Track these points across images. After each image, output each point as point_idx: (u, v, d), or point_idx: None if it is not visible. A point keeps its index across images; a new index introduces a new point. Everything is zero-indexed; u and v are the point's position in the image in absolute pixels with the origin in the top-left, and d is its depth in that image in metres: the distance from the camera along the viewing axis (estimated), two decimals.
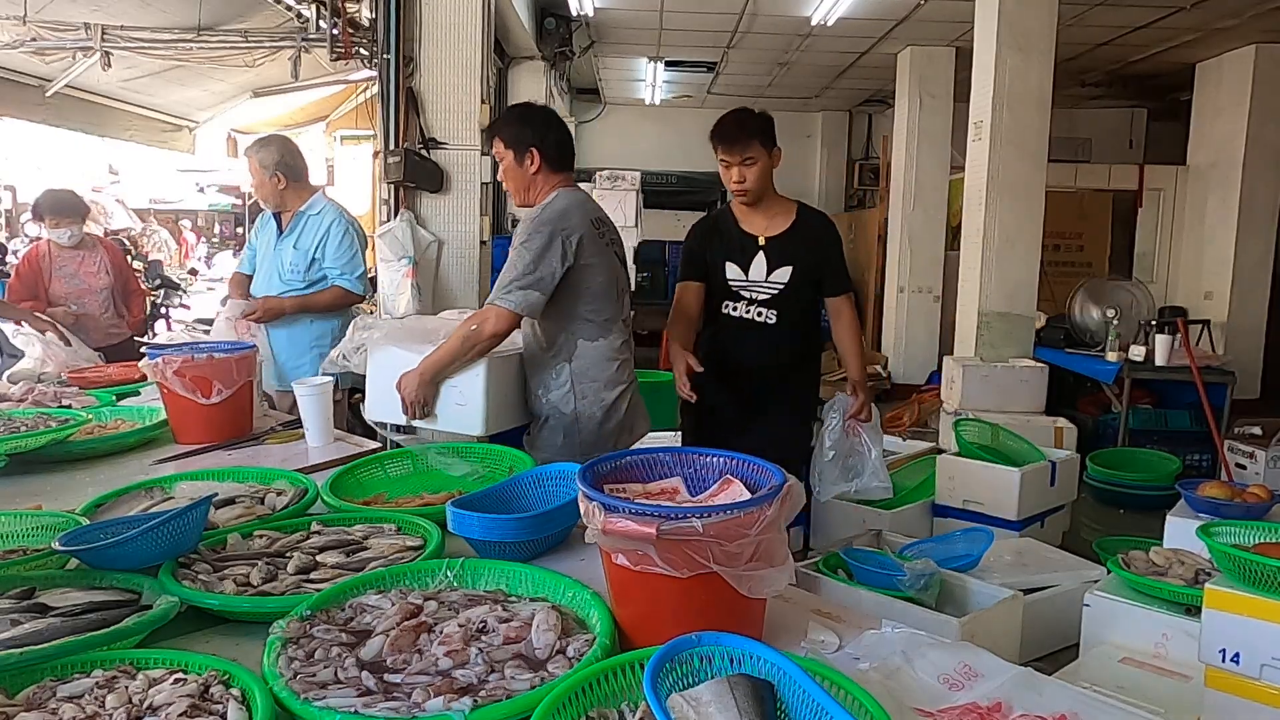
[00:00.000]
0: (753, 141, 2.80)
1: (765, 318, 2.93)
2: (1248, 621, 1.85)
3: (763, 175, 2.84)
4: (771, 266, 2.89)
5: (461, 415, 2.32)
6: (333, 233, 3.43)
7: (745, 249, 2.92)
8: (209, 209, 18.99)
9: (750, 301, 2.93)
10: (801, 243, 2.91)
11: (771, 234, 2.91)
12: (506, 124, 2.59)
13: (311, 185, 3.59)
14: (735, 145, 2.80)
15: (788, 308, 2.92)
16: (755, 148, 2.80)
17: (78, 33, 5.46)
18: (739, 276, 2.93)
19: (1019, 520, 4.01)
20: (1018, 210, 5.82)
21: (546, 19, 7.44)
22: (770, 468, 1.34)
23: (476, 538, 1.57)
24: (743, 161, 2.80)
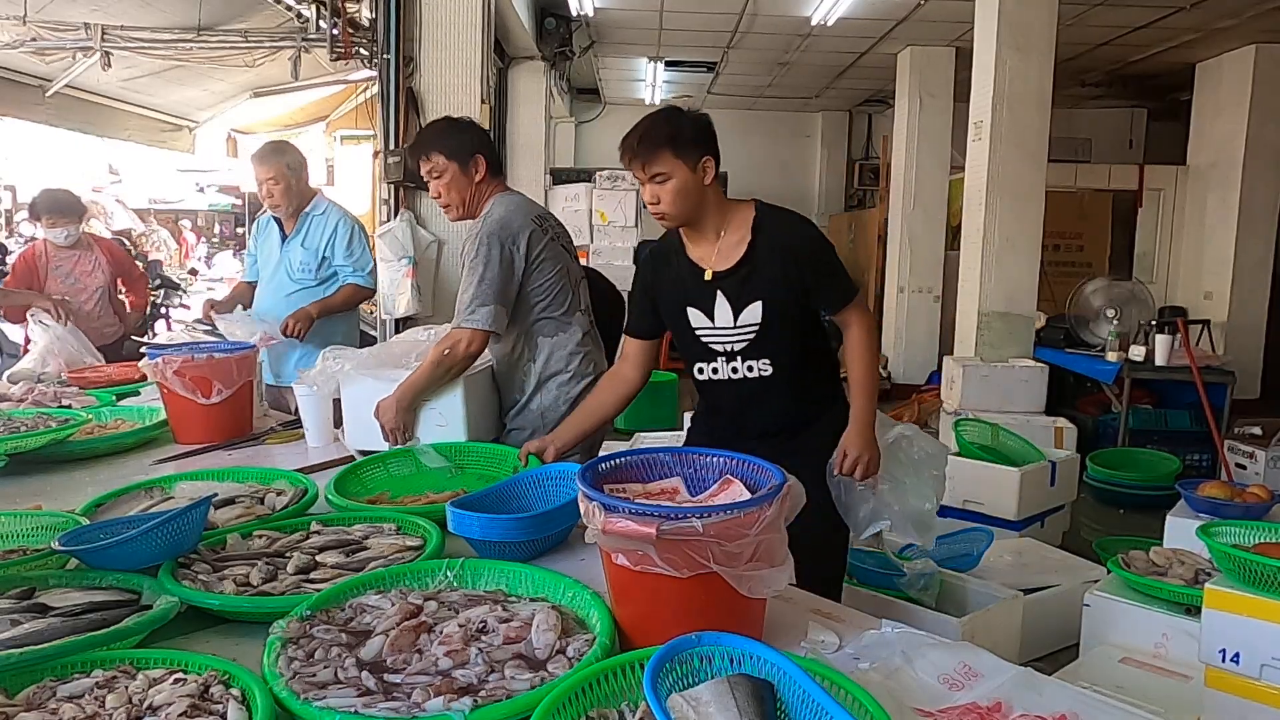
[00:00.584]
0: (659, 153, 2.06)
1: (759, 370, 2.19)
2: (1248, 621, 1.85)
3: (681, 195, 2.09)
4: (737, 307, 2.16)
5: (444, 435, 2.32)
6: (340, 231, 3.47)
7: (701, 287, 2.19)
8: (209, 209, 18.98)
9: (729, 356, 2.20)
10: (764, 267, 2.13)
11: (721, 267, 2.16)
12: (441, 136, 2.53)
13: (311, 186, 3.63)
14: (636, 159, 2.09)
15: (779, 352, 2.17)
16: (665, 159, 2.06)
17: (78, 33, 5.45)
18: (704, 324, 2.19)
19: (1019, 520, 4.01)
20: (1018, 210, 5.81)
21: (546, 19, 7.44)
22: (770, 468, 1.34)
23: (476, 538, 1.57)
24: (652, 179, 2.09)
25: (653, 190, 2.11)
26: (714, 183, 2.13)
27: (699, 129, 2.12)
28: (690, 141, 2.08)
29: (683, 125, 2.10)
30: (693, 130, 2.10)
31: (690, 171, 2.09)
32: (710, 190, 2.13)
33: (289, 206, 3.46)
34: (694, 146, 2.09)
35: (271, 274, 3.54)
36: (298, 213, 3.48)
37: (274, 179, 3.39)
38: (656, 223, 2.22)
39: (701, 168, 2.10)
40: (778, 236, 2.14)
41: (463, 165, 2.49)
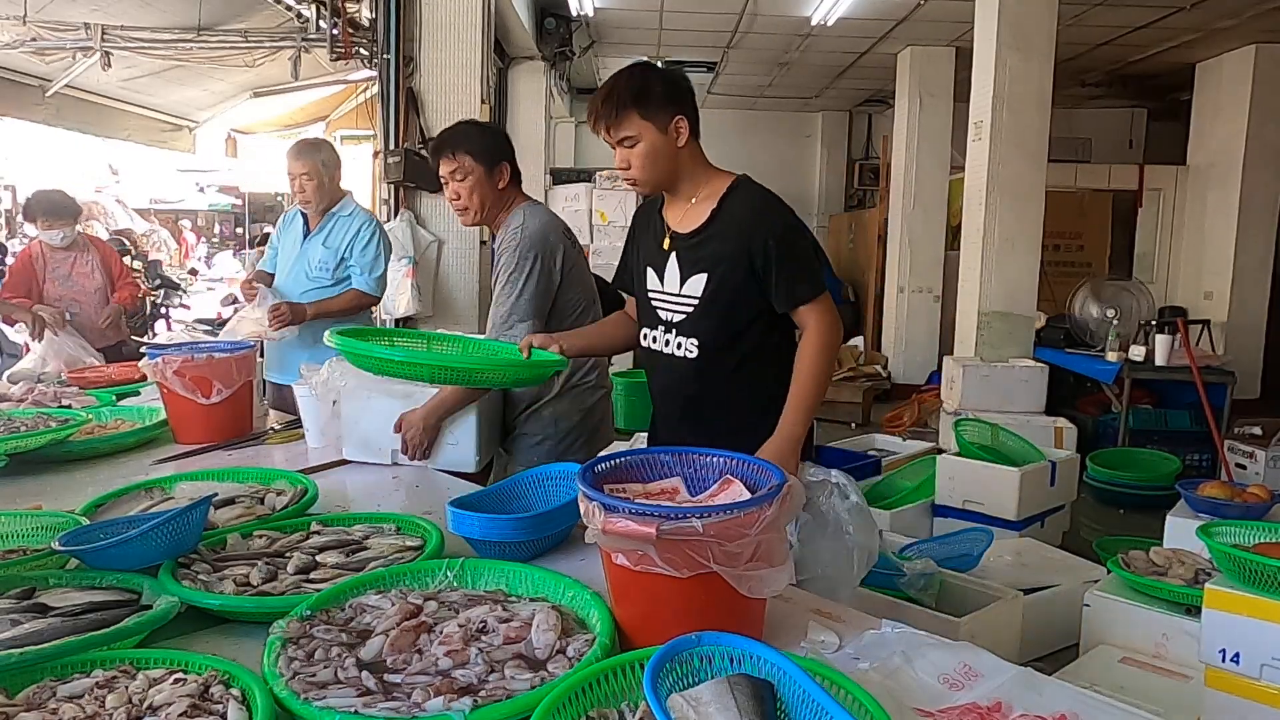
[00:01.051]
0: (625, 114, 1.91)
1: (685, 349, 2.00)
2: (1248, 621, 1.85)
3: (651, 159, 1.93)
4: (685, 273, 2.00)
5: (454, 454, 2.31)
6: (362, 234, 3.45)
7: (661, 248, 2.05)
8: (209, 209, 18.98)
9: (667, 326, 2.03)
10: (719, 239, 1.95)
11: (686, 227, 2.00)
12: (470, 137, 2.48)
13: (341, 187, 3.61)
14: (600, 121, 1.95)
15: (709, 335, 1.97)
16: (632, 121, 1.91)
17: (78, 33, 5.46)
18: (655, 286, 2.06)
19: (1019, 520, 4.01)
20: (1018, 210, 5.82)
21: (546, 19, 7.44)
22: (770, 468, 1.34)
23: (476, 538, 1.58)
24: (620, 142, 1.94)
25: (622, 154, 1.96)
26: (690, 145, 1.96)
27: (670, 86, 1.93)
28: (660, 100, 1.91)
29: (650, 83, 1.92)
30: (663, 88, 1.92)
31: (660, 133, 1.92)
32: (685, 153, 1.96)
33: (318, 204, 3.45)
34: (664, 106, 1.91)
35: (289, 269, 3.53)
36: (325, 211, 3.48)
37: (308, 174, 3.39)
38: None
39: (673, 129, 1.92)
40: (743, 211, 1.96)
41: (489, 169, 2.45)
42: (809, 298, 1.94)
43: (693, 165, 1.99)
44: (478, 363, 2.08)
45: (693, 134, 1.96)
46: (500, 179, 2.47)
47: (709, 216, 1.97)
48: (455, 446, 2.32)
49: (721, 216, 1.96)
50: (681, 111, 1.93)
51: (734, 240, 1.93)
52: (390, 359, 1.95)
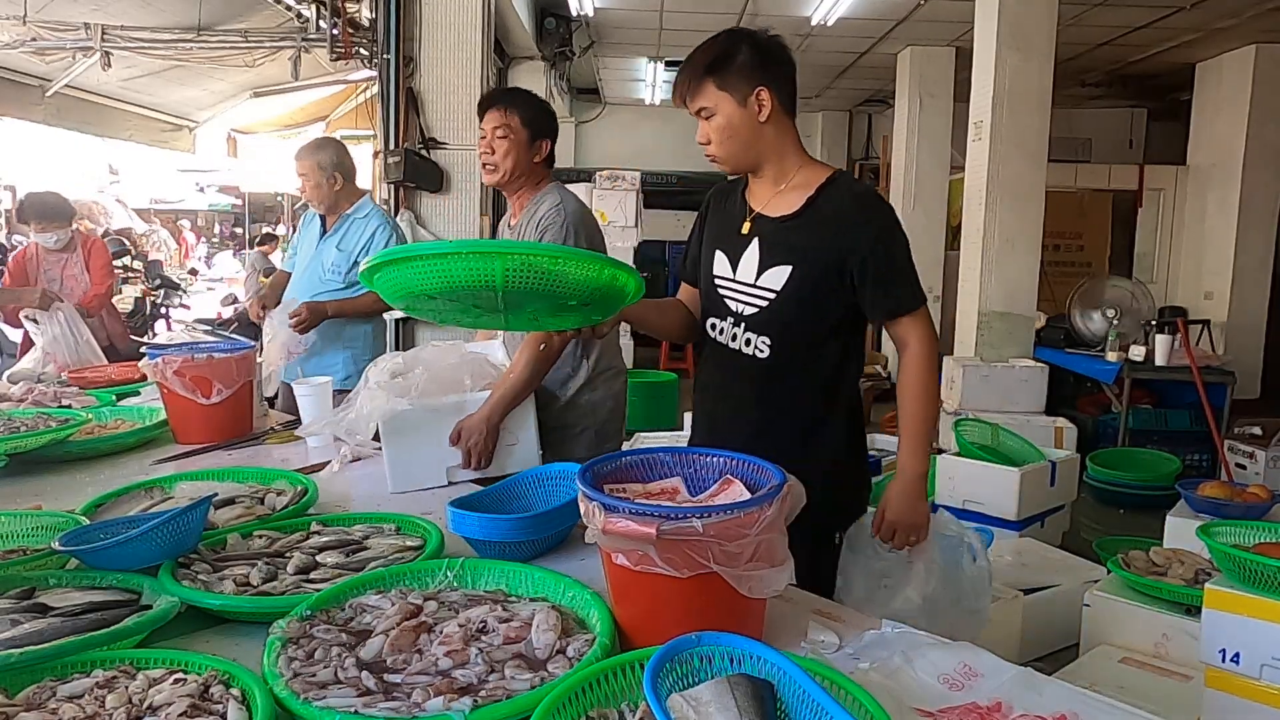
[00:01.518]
0: (701, 84, 1.75)
1: (754, 348, 1.83)
2: (1248, 621, 1.85)
3: (728, 133, 1.76)
4: (765, 263, 1.81)
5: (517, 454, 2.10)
6: (377, 237, 3.40)
7: (739, 231, 1.86)
8: (209, 209, 18.99)
9: (737, 319, 1.85)
10: (812, 230, 1.76)
11: (774, 213, 1.81)
12: (527, 103, 2.45)
13: (359, 188, 3.54)
14: (677, 91, 1.81)
15: (785, 336, 1.80)
16: (707, 92, 1.75)
17: (78, 33, 5.46)
18: (726, 273, 1.87)
19: (1019, 520, 4.01)
20: (1018, 210, 5.82)
21: (546, 19, 7.44)
22: (770, 467, 1.34)
23: (476, 538, 1.57)
24: (698, 113, 1.79)
25: (701, 128, 1.79)
26: (777, 122, 1.77)
27: (757, 55, 1.74)
28: (741, 70, 1.73)
29: (732, 50, 1.74)
30: (748, 56, 1.73)
31: (738, 106, 1.74)
32: (771, 131, 1.77)
33: (320, 204, 3.42)
34: (745, 76, 1.73)
35: (304, 269, 3.50)
36: (339, 212, 3.44)
37: (305, 175, 3.38)
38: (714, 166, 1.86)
39: (754, 101, 1.74)
40: (845, 203, 1.77)
41: (531, 138, 2.42)
42: (912, 308, 1.79)
43: (782, 146, 1.81)
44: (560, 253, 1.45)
45: (784, 111, 1.78)
46: (538, 153, 2.45)
47: (804, 204, 1.79)
48: (516, 446, 2.13)
49: (818, 206, 1.78)
50: (766, 83, 1.74)
51: (830, 234, 1.75)
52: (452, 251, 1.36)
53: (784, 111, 1.79)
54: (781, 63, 1.79)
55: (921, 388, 1.80)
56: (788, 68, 1.79)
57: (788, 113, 1.80)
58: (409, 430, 2.04)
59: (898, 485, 1.77)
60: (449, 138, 4.75)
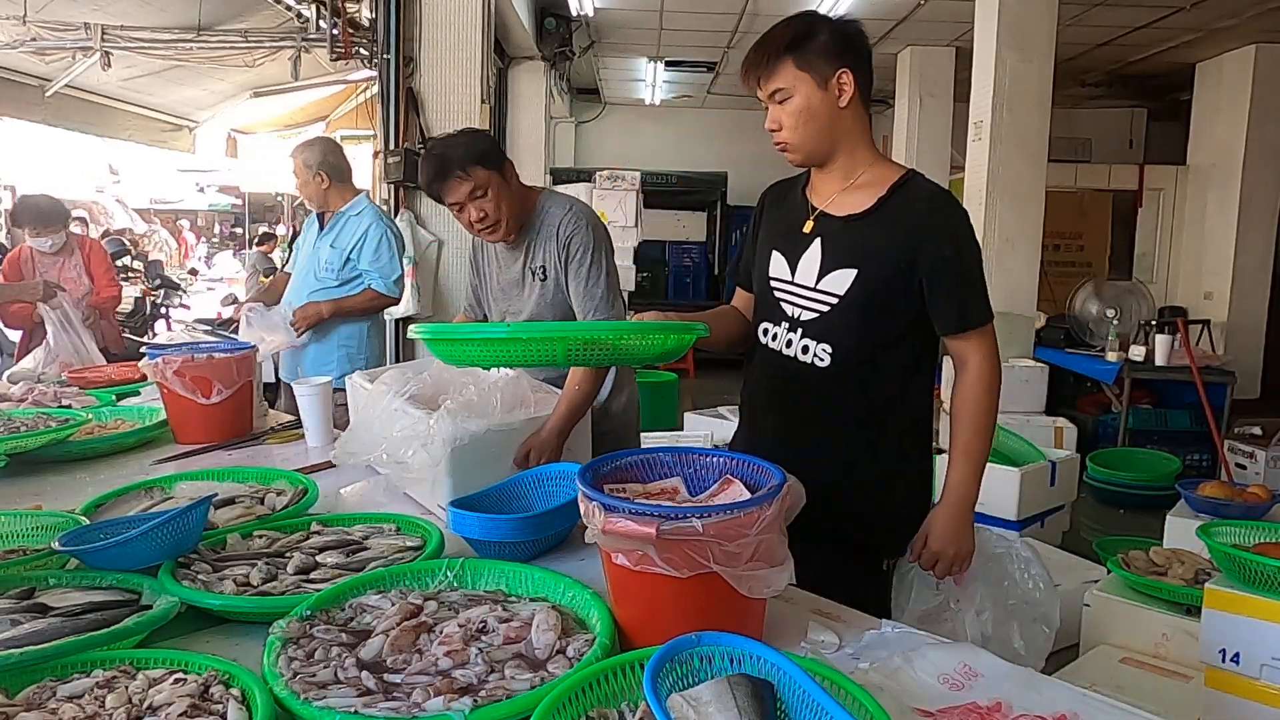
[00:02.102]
0: (779, 63, 1.64)
1: (812, 355, 1.71)
2: (1248, 621, 1.85)
3: (806, 117, 1.64)
4: (827, 265, 1.69)
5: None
6: (370, 235, 3.41)
7: (799, 230, 1.74)
8: (209, 209, 19.00)
9: (793, 324, 1.73)
10: (881, 232, 1.65)
11: (840, 211, 1.70)
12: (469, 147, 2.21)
13: (355, 187, 3.57)
14: (752, 71, 1.70)
15: (847, 344, 1.69)
16: (786, 72, 1.63)
17: (78, 33, 5.46)
18: (783, 275, 1.76)
19: (1019, 520, 4.01)
20: (1018, 210, 5.82)
21: (546, 19, 7.44)
22: (770, 467, 1.34)
23: (476, 538, 1.57)
24: (771, 96, 1.67)
25: (773, 112, 1.67)
26: (855, 110, 1.67)
27: (839, 36, 1.64)
28: (823, 49, 1.62)
29: (814, 29, 1.64)
30: (830, 37, 1.63)
31: (818, 88, 1.62)
32: (849, 118, 1.66)
33: (312, 202, 3.48)
34: (827, 56, 1.62)
35: (303, 269, 3.54)
36: (333, 210, 3.47)
37: (295, 173, 3.43)
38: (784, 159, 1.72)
39: (835, 84, 1.63)
40: (919, 206, 1.65)
41: (502, 173, 2.22)
42: (980, 322, 1.68)
43: (856, 137, 1.69)
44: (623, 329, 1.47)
45: (863, 99, 1.68)
46: (513, 177, 2.28)
47: (874, 203, 1.66)
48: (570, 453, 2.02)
49: (890, 206, 1.65)
50: (848, 66, 1.63)
51: (901, 236, 1.63)
52: (515, 336, 1.43)
53: (862, 101, 1.68)
54: (862, 48, 1.68)
55: (981, 409, 1.73)
56: (867, 55, 1.69)
57: (865, 104, 1.70)
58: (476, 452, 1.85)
59: (944, 511, 1.69)
60: None
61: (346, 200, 3.48)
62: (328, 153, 3.49)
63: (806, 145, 1.67)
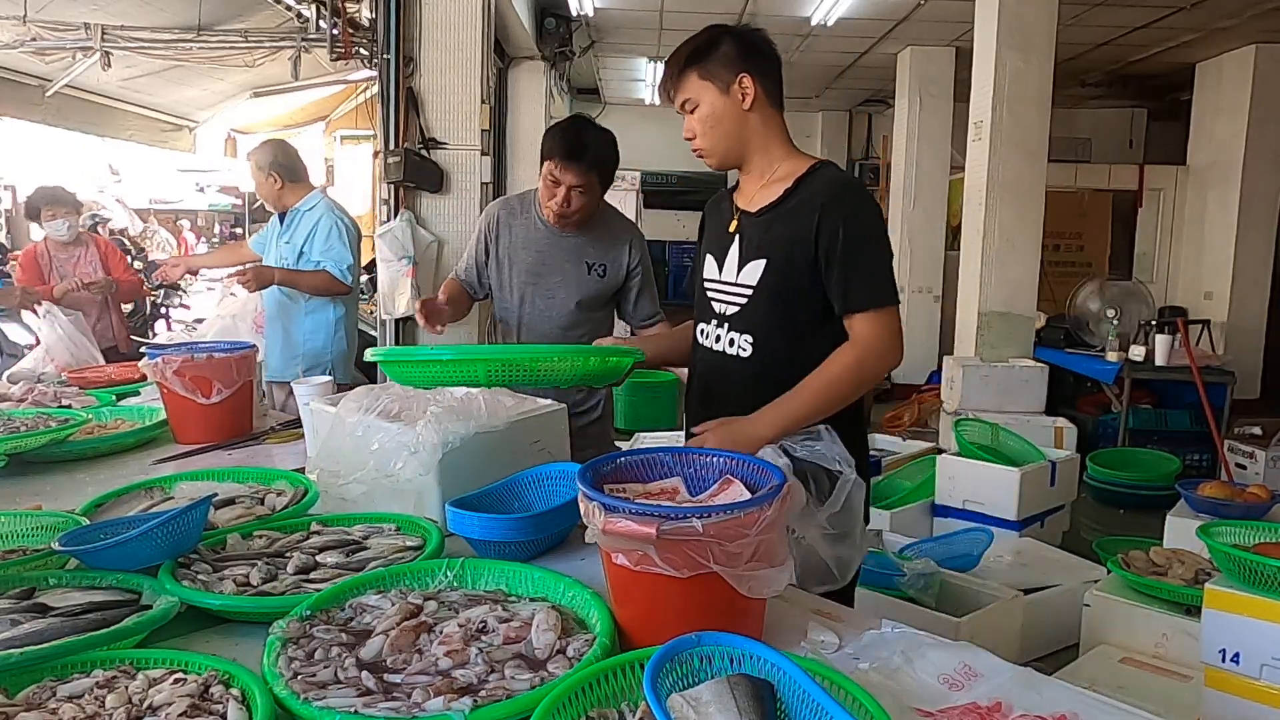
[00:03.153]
0: (684, 75, 1.75)
1: (738, 347, 1.79)
2: (1248, 621, 1.85)
3: (712, 123, 1.74)
4: (744, 259, 1.78)
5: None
6: (320, 226, 3.54)
7: (726, 231, 1.84)
8: (209, 209, 18.97)
9: (720, 319, 1.82)
10: (787, 222, 1.72)
11: (754, 207, 1.78)
12: (609, 160, 2.55)
13: (309, 185, 3.72)
14: (663, 86, 1.82)
15: (766, 332, 1.76)
16: (690, 83, 1.75)
17: (78, 33, 5.46)
18: (713, 275, 1.86)
19: (1019, 520, 4.01)
20: (1018, 210, 5.82)
21: (546, 19, 7.44)
22: (770, 467, 1.34)
23: (476, 538, 1.57)
24: (682, 106, 1.78)
25: (687, 121, 1.77)
26: (762, 112, 1.74)
27: (739, 43, 1.73)
28: (723, 58, 1.71)
29: (715, 41, 1.74)
30: (730, 46, 1.72)
31: (721, 94, 1.72)
32: (756, 120, 1.74)
33: (268, 201, 3.64)
34: (728, 64, 1.71)
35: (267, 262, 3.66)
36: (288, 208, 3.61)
37: (251, 175, 3.61)
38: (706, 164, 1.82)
39: (737, 89, 1.71)
40: (820, 190, 1.70)
41: (604, 189, 2.57)
42: (866, 305, 1.67)
43: (767, 137, 1.77)
44: (543, 353, 1.75)
45: (769, 101, 1.76)
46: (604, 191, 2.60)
47: (781, 195, 1.74)
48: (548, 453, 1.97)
49: (796, 195, 1.72)
50: (748, 70, 1.72)
51: (803, 222, 1.68)
52: (438, 358, 1.75)
53: (769, 102, 1.76)
54: (765, 54, 1.76)
55: (834, 378, 1.66)
56: (772, 60, 1.77)
57: (773, 104, 1.77)
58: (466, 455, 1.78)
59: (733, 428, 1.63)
60: (449, 138, 4.74)
61: (300, 197, 3.62)
62: (278, 153, 3.62)
63: (718, 149, 1.77)
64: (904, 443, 5.19)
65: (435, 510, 1.70)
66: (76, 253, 4.38)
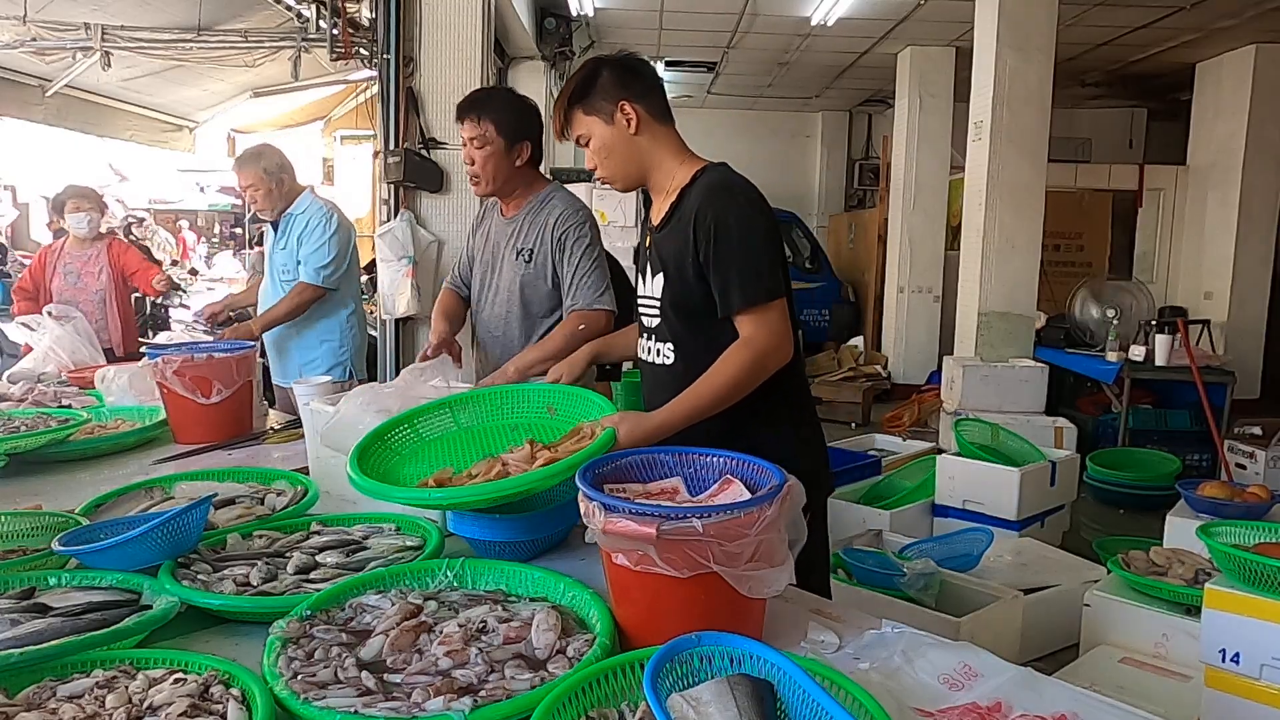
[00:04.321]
0: (571, 115, 1.84)
1: (663, 356, 1.85)
2: (1248, 621, 1.85)
3: (605, 152, 1.82)
4: (651, 272, 1.86)
5: None
6: (311, 225, 3.38)
7: (645, 244, 1.92)
8: (209, 209, 18.97)
9: (649, 332, 1.89)
10: (673, 235, 1.77)
11: (656, 220, 1.85)
12: (501, 107, 2.43)
13: (298, 185, 3.56)
14: (558, 129, 1.89)
15: (682, 336, 1.81)
16: (578, 120, 1.83)
17: (78, 33, 5.46)
18: (640, 289, 1.93)
19: (1019, 520, 4.01)
20: (1018, 210, 5.82)
21: (546, 19, 7.44)
22: (770, 468, 1.34)
23: (476, 538, 1.57)
24: (577, 142, 1.88)
25: (587, 155, 1.85)
26: (650, 132, 1.80)
27: (615, 74, 1.79)
28: (602, 91, 1.78)
29: (592, 76, 1.80)
30: (606, 77, 1.78)
31: (606, 124, 1.79)
32: (645, 142, 1.80)
33: (272, 210, 3.42)
34: (606, 96, 1.78)
35: (268, 279, 3.54)
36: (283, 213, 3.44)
37: (253, 185, 3.34)
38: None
39: (620, 118, 1.77)
40: (694, 203, 1.73)
41: (509, 145, 2.42)
42: (744, 305, 1.67)
43: (660, 154, 1.81)
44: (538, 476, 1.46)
45: (656, 119, 1.81)
46: (519, 156, 2.45)
47: (669, 208, 1.80)
48: None
49: (681, 206, 1.77)
50: (627, 98, 1.77)
51: (685, 234, 1.72)
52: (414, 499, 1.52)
53: (655, 120, 1.81)
54: (641, 75, 1.82)
55: (721, 379, 1.64)
56: (648, 79, 1.83)
57: (660, 122, 1.82)
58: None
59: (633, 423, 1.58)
60: (449, 138, 4.74)
61: (291, 200, 3.44)
62: (281, 156, 3.47)
63: (617, 174, 1.84)
64: (904, 443, 5.19)
65: (435, 510, 1.71)
66: (89, 253, 4.41)
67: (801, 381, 1.91)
